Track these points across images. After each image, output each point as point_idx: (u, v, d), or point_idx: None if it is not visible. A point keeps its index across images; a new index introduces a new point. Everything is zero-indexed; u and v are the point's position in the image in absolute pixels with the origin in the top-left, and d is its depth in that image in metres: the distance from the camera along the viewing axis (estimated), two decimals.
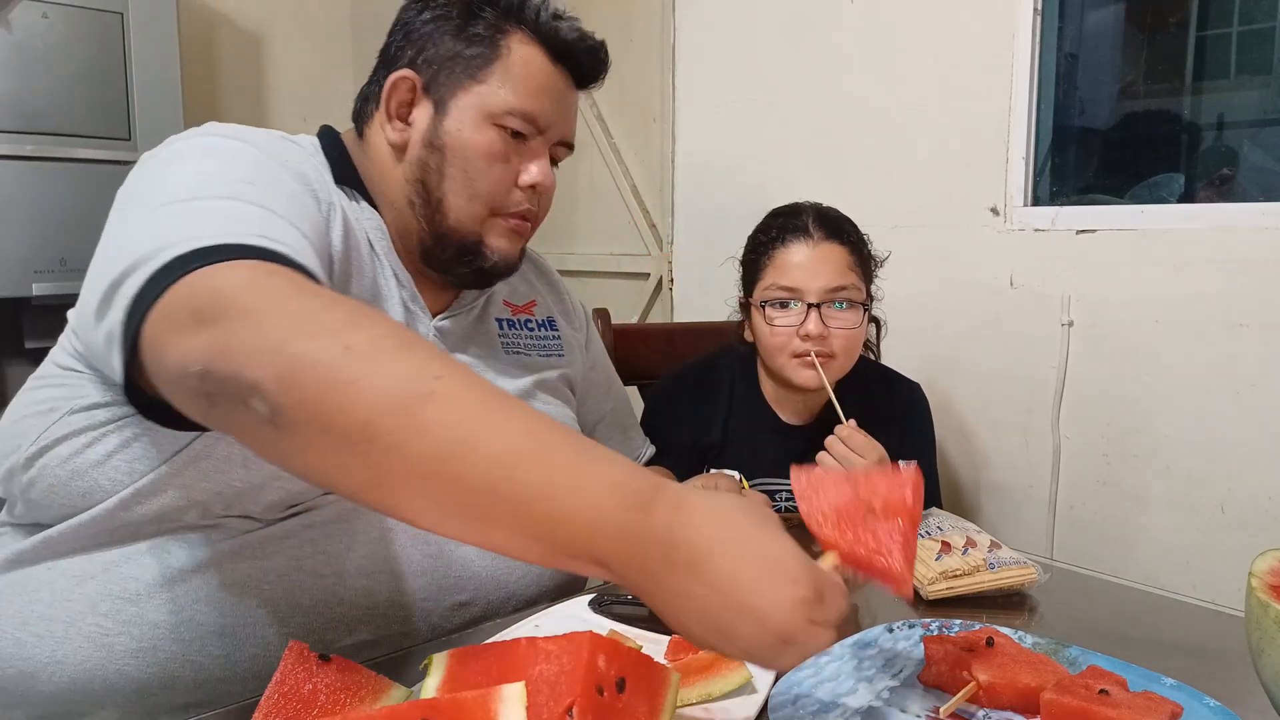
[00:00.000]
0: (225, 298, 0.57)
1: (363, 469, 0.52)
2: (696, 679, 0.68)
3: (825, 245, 1.23)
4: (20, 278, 1.87)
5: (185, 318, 0.57)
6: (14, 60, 1.85)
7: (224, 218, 0.64)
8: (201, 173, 0.71)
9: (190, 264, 0.59)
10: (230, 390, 0.53)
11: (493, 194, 0.89)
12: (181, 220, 0.64)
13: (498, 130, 0.88)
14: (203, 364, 0.54)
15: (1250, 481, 1.30)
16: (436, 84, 0.89)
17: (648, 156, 2.27)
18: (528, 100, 0.88)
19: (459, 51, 0.88)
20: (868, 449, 1.14)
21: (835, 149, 1.81)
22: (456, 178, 0.88)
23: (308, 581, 0.80)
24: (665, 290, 2.22)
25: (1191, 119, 1.57)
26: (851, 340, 1.24)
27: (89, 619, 0.75)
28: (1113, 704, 0.62)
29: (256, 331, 0.54)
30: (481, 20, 0.89)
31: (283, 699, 0.59)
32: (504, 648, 0.60)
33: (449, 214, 0.89)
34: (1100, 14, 1.65)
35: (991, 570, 0.91)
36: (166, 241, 0.61)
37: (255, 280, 0.59)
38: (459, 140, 0.88)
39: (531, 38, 0.90)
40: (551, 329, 1.08)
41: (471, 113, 0.88)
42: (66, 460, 0.74)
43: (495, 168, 0.89)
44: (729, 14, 2.00)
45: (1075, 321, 1.47)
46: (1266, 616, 0.62)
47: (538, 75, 0.89)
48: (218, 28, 2.57)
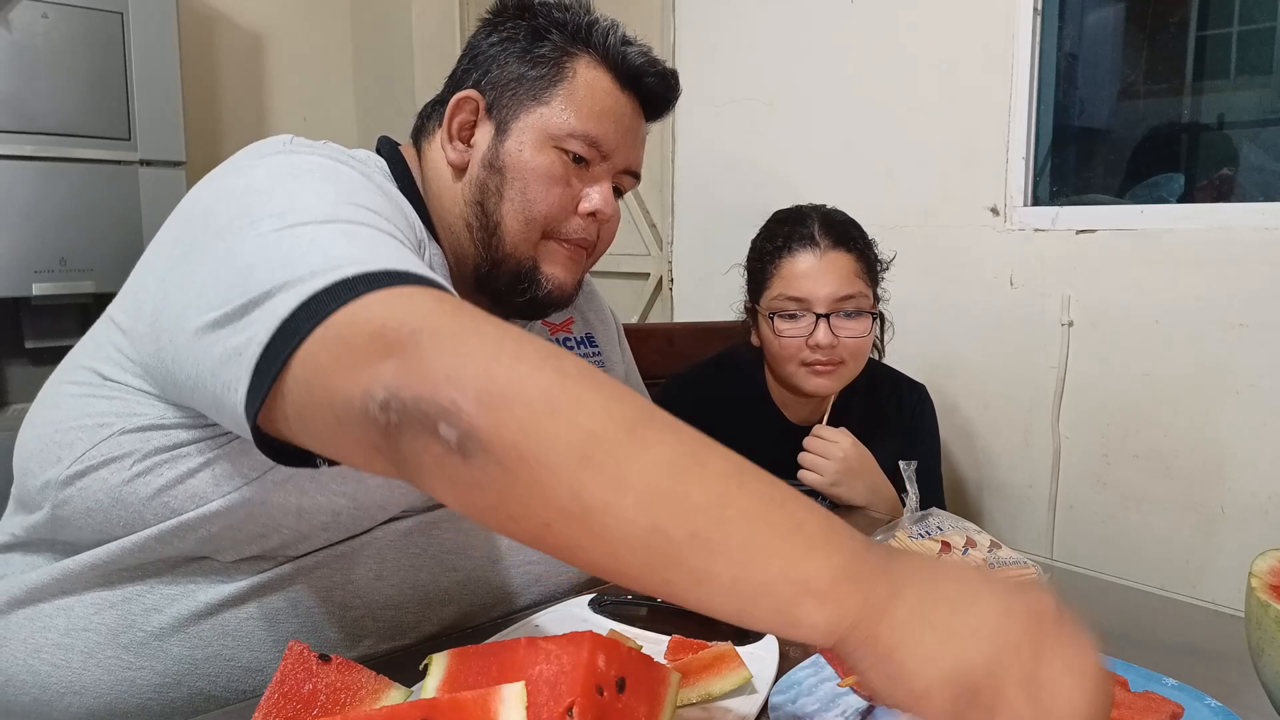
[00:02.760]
0: (414, 321, 0.52)
1: (563, 499, 0.47)
2: (696, 679, 0.68)
3: (832, 254, 1.23)
4: (20, 278, 1.86)
5: (365, 344, 0.52)
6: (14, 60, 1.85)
7: (373, 245, 0.60)
8: (313, 191, 0.65)
9: (358, 289, 0.54)
10: (416, 418, 0.49)
11: (550, 217, 0.87)
12: (329, 242, 0.59)
13: (558, 153, 0.86)
14: (389, 390, 0.50)
15: (1250, 481, 1.30)
16: (500, 105, 0.87)
17: (648, 156, 2.26)
18: (591, 123, 0.86)
19: (523, 73, 0.87)
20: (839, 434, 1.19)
21: (835, 149, 1.81)
22: (515, 199, 0.86)
23: (336, 613, 0.78)
24: (665, 290, 2.22)
25: (1191, 119, 1.57)
26: (860, 347, 1.25)
27: (109, 651, 0.72)
28: (1113, 704, 0.62)
29: (456, 353, 0.50)
30: (548, 42, 0.87)
31: (283, 699, 0.59)
32: (504, 648, 0.60)
33: (505, 237, 0.86)
34: (1100, 14, 1.65)
35: (992, 570, 0.91)
36: (321, 263, 0.56)
37: (444, 306, 0.54)
38: (518, 161, 0.85)
39: (599, 62, 0.88)
40: (591, 345, 1.06)
41: (532, 134, 0.86)
42: (113, 487, 0.71)
43: (554, 191, 0.86)
44: (729, 14, 2.00)
45: (1075, 321, 1.47)
46: (1266, 616, 0.62)
47: (603, 99, 0.88)
48: (218, 28, 2.57)
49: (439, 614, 0.83)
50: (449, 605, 0.84)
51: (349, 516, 0.77)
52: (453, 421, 0.48)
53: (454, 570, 0.84)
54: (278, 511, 0.73)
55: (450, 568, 0.84)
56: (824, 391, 1.26)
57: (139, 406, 0.71)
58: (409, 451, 0.50)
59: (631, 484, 0.47)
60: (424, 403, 0.49)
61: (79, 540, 0.75)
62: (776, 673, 0.72)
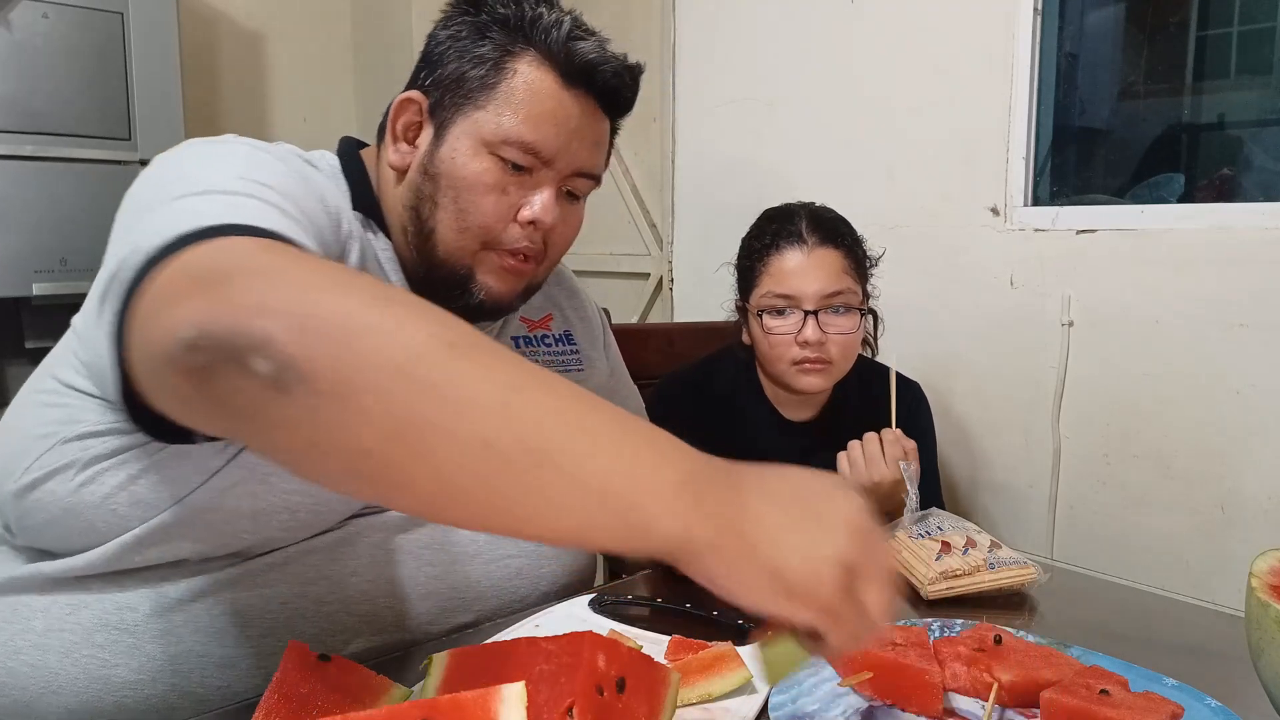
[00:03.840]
0: (229, 262, 0.51)
1: (387, 419, 0.45)
2: (696, 679, 0.68)
3: (820, 250, 1.23)
4: (20, 278, 1.86)
5: (182, 287, 0.51)
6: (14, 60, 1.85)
7: (234, 207, 0.60)
8: (217, 170, 0.66)
9: (191, 241, 0.54)
10: (228, 352, 0.46)
11: (486, 227, 0.83)
12: (190, 209, 0.59)
13: (494, 159, 0.82)
14: (197, 326, 0.48)
15: (1250, 481, 1.30)
16: (440, 107, 0.83)
17: (648, 156, 2.26)
18: (528, 129, 0.81)
19: (465, 73, 0.82)
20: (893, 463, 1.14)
21: (835, 149, 1.81)
22: (448, 208, 0.82)
23: (310, 609, 0.78)
24: (665, 290, 2.22)
25: (1191, 119, 1.57)
26: (849, 344, 1.24)
27: (85, 649, 0.73)
28: (1113, 704, 0.62)
29: (267, 286, 0.48)
30: (489, 40, 0.82)
31: (283, 699, 0.59)
32: (504, 648, 0.60)
33: (439, 245, 0.83)
34: (1100, 14, 1.65)
35: (992, 570, 0.91)
36: (166, 229, 0.56)
37: (264, 247, 0.54)
38: (452, 168, 0.82)
39: (542, 60, 0.82)
40: (569, 343, 1.04)
41: (467, 140, 0.82)
42: (61, 498, 0.71)
43: (488, 199, 0.82)
44: (729, 14, 2.00)
45: (1075, 321, 1.47)
46: (1266, 616, 0.62)
47: (544, 101, 0.82)
48: (218, 28, 2.57)
49: (416, 609, 0.82)
50: (427, 600, 0.83)
51: (309, 513, 0.77)
52: (267, 353, 0.45)
53: (430, 565, 0.84)
54: (232, 516, 0.73)
55: (426, 562, 0.83)
56: (814, 389, 1.26)
57: (82, 413, 0.71)
58: (222, 392, 0.48)
59: (457, 398, 0.45)
60: (234, 335, 0.46)
61: (49, 549, 0.75)
62: None
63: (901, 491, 1.12)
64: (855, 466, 1.17)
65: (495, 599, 0.88)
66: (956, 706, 0.68)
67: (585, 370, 1.05)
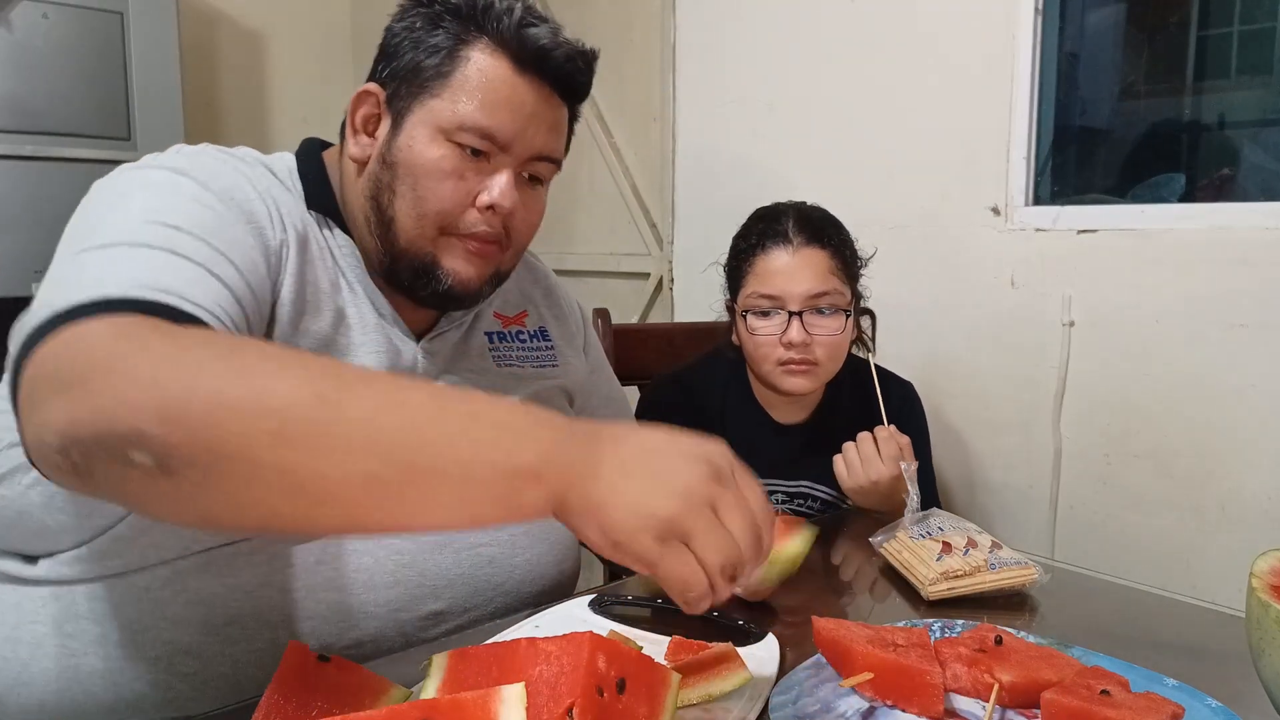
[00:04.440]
0: (87, 355, 0.55)
1: (276, 481, 0.51)
2: (697, 679, 0.68)
3: (806, 251, 1.22)
4: (20, 278, 1.87)
5: (46, 385, 0.55)
6: (14, 60, 1.85)
7: (123, 266, 0.64)
8: (126, 213, 0.70)
9: (63, 321, 0.58)
10: (104, 451, 0.50)
11: (444, 213, 0.84)
12: (82, 270, 0.64)
13: (451, 146, 0.83)
14: (61, 434, 0.52)
15: (1250, 481, 1.30)
16: (397, 98, 0.85)
17: (648, 156, 2.26)
18: (484, 115, 0.82)
19: (420, 63, 0.84)
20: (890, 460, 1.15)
21: (835, 149, 1.81)
22: (406, 195, 0.83)
23: (276, 597, 0.78)
24: (665, 290, 2.22)
25: (1192, 119, 1.57)
26: (835, 346, 1.24)
27: (54, 640, 0.73)
28: (1113, 704, 0.62)
29: (124, 380, 0.52)
30: (442, 30, 0.84)
31: (282, 699, 0.59)
32: (504, 648, 0.60)
33: (400, 234, 0.84)
34: (1101, 14, 1.64)
35: (993, 570, 0.91)
36: (55, 298, 0.60)
37: (122, 332, 0.57)
38: (409, 156, 0.83)
39: (495, 47, 0.83)
40: (544, 339, 1.05)
41: (423, 128, 0.83)
42: (12, 500, 0.72)
43: (446, 185, 0.83)
44: (729, 14, 2.00)
45: (1076, 321, 1.47)
46: (1267, 617, 0.62)
47: (499, 88, 0.83)
48: (218, 28, 2.57)
49: (384, 596, 0.83)
50: (394, 588, 0.83)
51: None
52: (144, 446, 0.49)
53: (398, 554, 0.84)
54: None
55: (395, 550, 0.84)
56: (800, 391, 1.25)
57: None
58: (109, 482, 0.53)
59: (336, 445, 0.51)
60: (103, 436, 0.50)
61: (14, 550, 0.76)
62: (777, 674, 0.72)
63: (902, 491, 1.11)
64: (852, 468, 1.17)
65: (466, 586, 0.88)
66: (957, 707, 0.68)
67: (559, 367, 1.05)
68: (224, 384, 0.52)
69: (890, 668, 0.67)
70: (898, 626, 0.76)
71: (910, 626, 0.76)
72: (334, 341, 0.84)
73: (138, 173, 0.76)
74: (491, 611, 0.90)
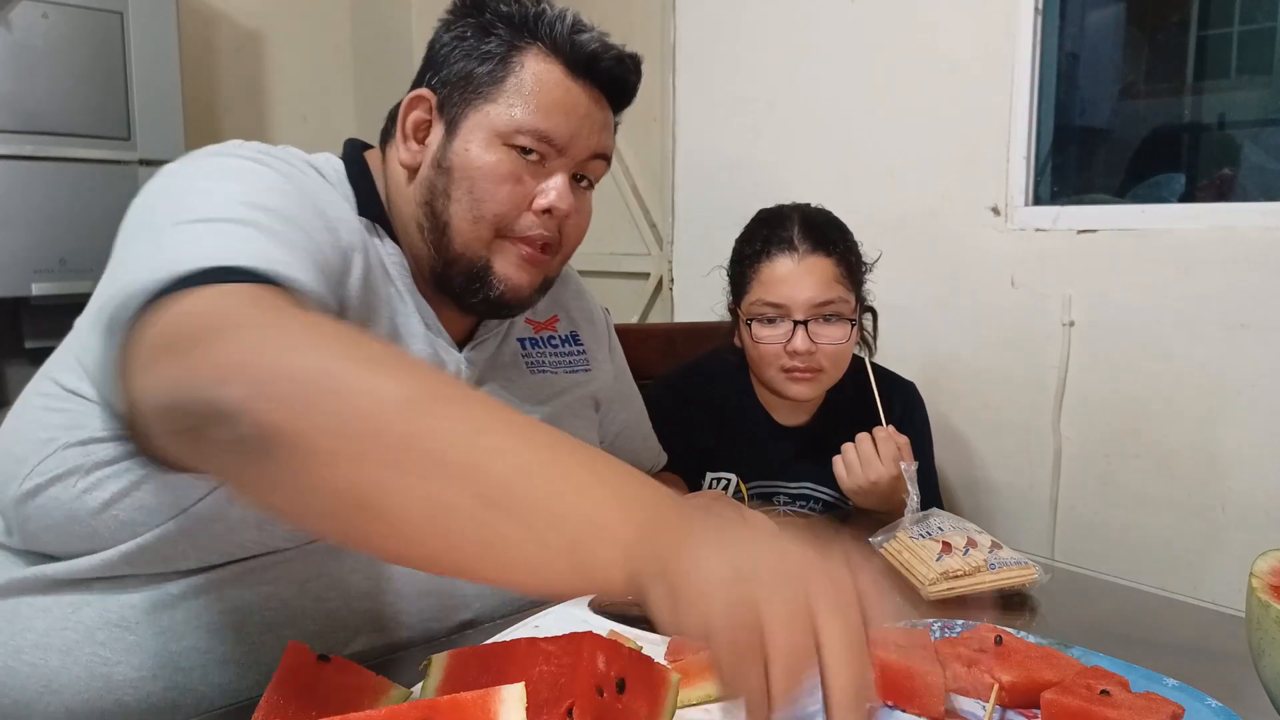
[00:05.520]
0: (200, 322, 0.54)
1: (358, 482, 0.47)
2: (697, 680, 0.68)
3: (811, 259, 1.21)
4: (20, 278, 1.86)
5: (158, 349, 0.54)
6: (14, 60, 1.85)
7: (228, 239, 0.62)
8: (217, 192, 0.68)
9: (177, 289, 0.56)
10: (208, 419, 0.49)
11: (501, 215, 0.84)
12: (186, 242, 0.62)
13: (508, 150, 0.84)
14: (167, 394, 0.51)
15: (1250, 481, 1.30)
16: (450, 104, 0.85)
17: (648, 156, 2.26)
18: (540, 118, 0.83)
19: (472, 70, 0.85)
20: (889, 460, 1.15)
21: (835, 149, 1.81)
22: (462, 200, 0.84)
23: (311, 606, 0.78)
24: (665, 290, 2.22)
25: (1192, 119, 1.57)
26: (839, 354, 1.24)
27: (86, 648, 0.73)
28: (1113, 704, 0.62)
29: (229, 349, 0.51)
30: (494, 37, 0.85)
31: (283, 699, 0.59)
32: (504, 648, 0.60)
33: (455, 238, 0.85)
34: (1101, 13, 1.64)
35: (992, 570, 0.91)
36: (163, 265, 0.58)
37: (236, 301, 0.56)
38: (465, 160, 0.84)
39: (548, 53, 0.85)
40: (576, 343, 1.05)
41: (480, 132, 0.84)
42: (64, 503, 0.71)
43: (504, 189, 0.84)
44: (729, 14, 2.00)
45: (1076, 321, 1.47)
46: (1267, 617, 0.62)
47: (553, 91, 0.84)
48: (218, 28, 2.57)
49: (416, 605, 0.83)
50: (427, 597, 0.83)
51: None
52: (243, 419, 0.48)
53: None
54: (238, 526, 0.73)
55: None
56: (803, 397, 1.26)
57: (84, 419, 0.71)
58: (218, 455, 0.51)
59: (425, 459, 0.47)
60: (207, 405, 0.49)
61: (49, 552, 0.75)
62: None
63: (902, 491, 1.11)
64: (851, 469, 1.17)
65: (496, 596, 0.88)
66: (957, 707, 0.68)
67: (592, 370, 1.05)
68: (336, 371, 0.49)
69: (890, 668, 0.67)
70: (899, 627, 0.76)
71: (910, 627, 0.76)
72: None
73: (214, 159, 0.74)
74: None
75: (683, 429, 1.31)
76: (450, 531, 0.47)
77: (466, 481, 0.47)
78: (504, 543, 0.47)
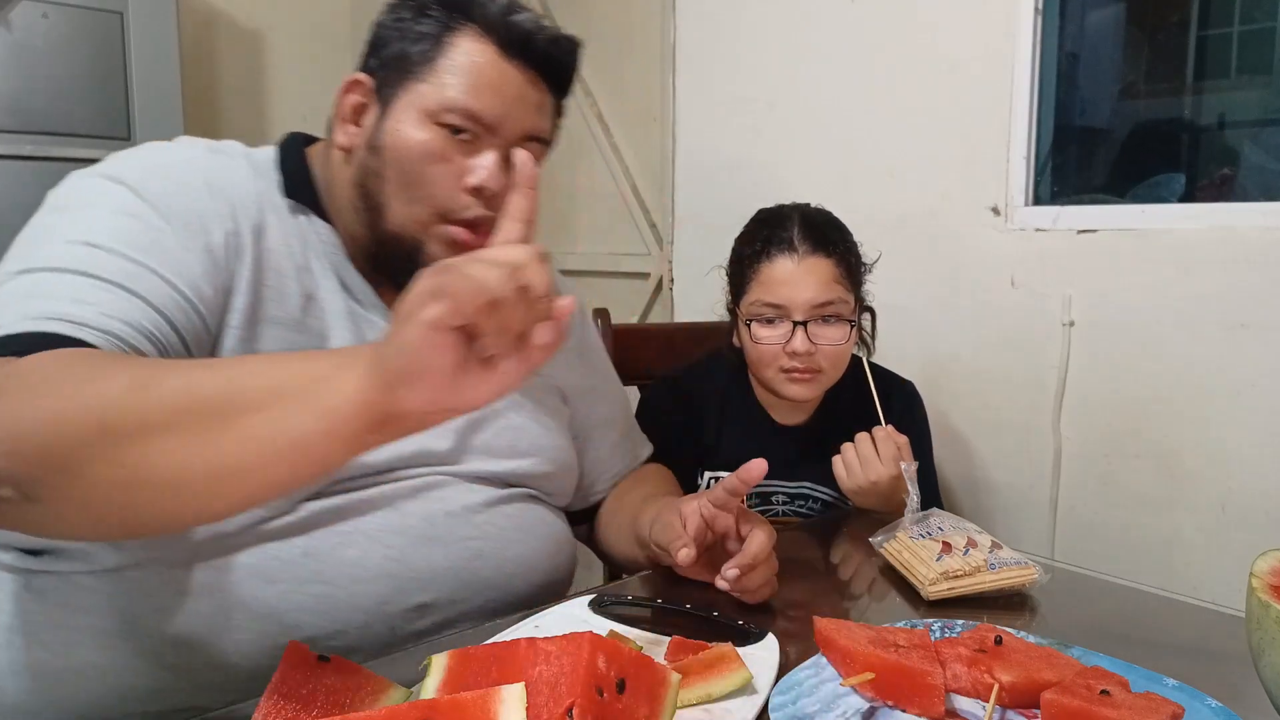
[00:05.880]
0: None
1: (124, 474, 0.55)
2: (697, 680, 0.68)
3: (811, 259, 1.21)
4: None
5: None
6: (14, 60, 1.85)
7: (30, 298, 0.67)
8: (56, 234, 0.74)
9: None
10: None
11: (434, 196, 0.85)
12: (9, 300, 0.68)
13: (438, 129, 0.84)
14: None
15: (1250, 481, 1.30)
16: (386, 85, 0.87)
17: (648, 156, 2.26)
18: (470, 97, 0.84)
19: (406, 51, 0.86)
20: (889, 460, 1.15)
21: (835, 149, 1.81)
22: (394, 180, 0.85)
23: (264, 589, 0.78)
24: (665, 290, 2.22)
25: (1192, 119, 1.57)
26: (838, 354, 1.24)
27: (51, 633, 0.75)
28: (1113, 704, 0.62)
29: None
30: (429, 18, 0.86)
31: (282, 699, 0.59)
32: (504, 648, 0.60)
33: (389, 219, 0.86)
34: (1101, 13, 1.64)
35: (992, 571, 0.91)
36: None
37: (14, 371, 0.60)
38: (396, 139, 0.85)
39: (481, 33, 0.85)
40: None
41: (411, 111, 0.85)
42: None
43: (434, 168, 0.84)
44: (729, 14, 2.00)
45: (1076, 321, 1.47)
46: (1267, 617, 0.62)
47: (485, 71, 0.85)
48: (218, 28, 2.57)
49: (371, 589, 0.83)
50: (380, 581, 0.83)
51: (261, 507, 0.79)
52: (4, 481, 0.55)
53: (386, 547, 0.84)
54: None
55: (384, 544, 0.84)
56: (801, 398, 1.26)
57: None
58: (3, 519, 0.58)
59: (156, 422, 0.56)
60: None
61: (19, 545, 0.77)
62: (777, 674, 0.72)
63: (902, 491, 1.11)
64: (851, 469, 1.17)
65: (454, 580, 0.88)
66: (958, 707, 0.68)
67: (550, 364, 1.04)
68: (57, 402, 0.56)
69: (890, 668, 0.67)
70: (899, 627, 0.76)
71: (912, 627, 0.76)
72: (304, 324, 0.85)
73: (78, 183, 0.79)
74: (481, 605, 0.90)
75: (681, 428, 1.31)
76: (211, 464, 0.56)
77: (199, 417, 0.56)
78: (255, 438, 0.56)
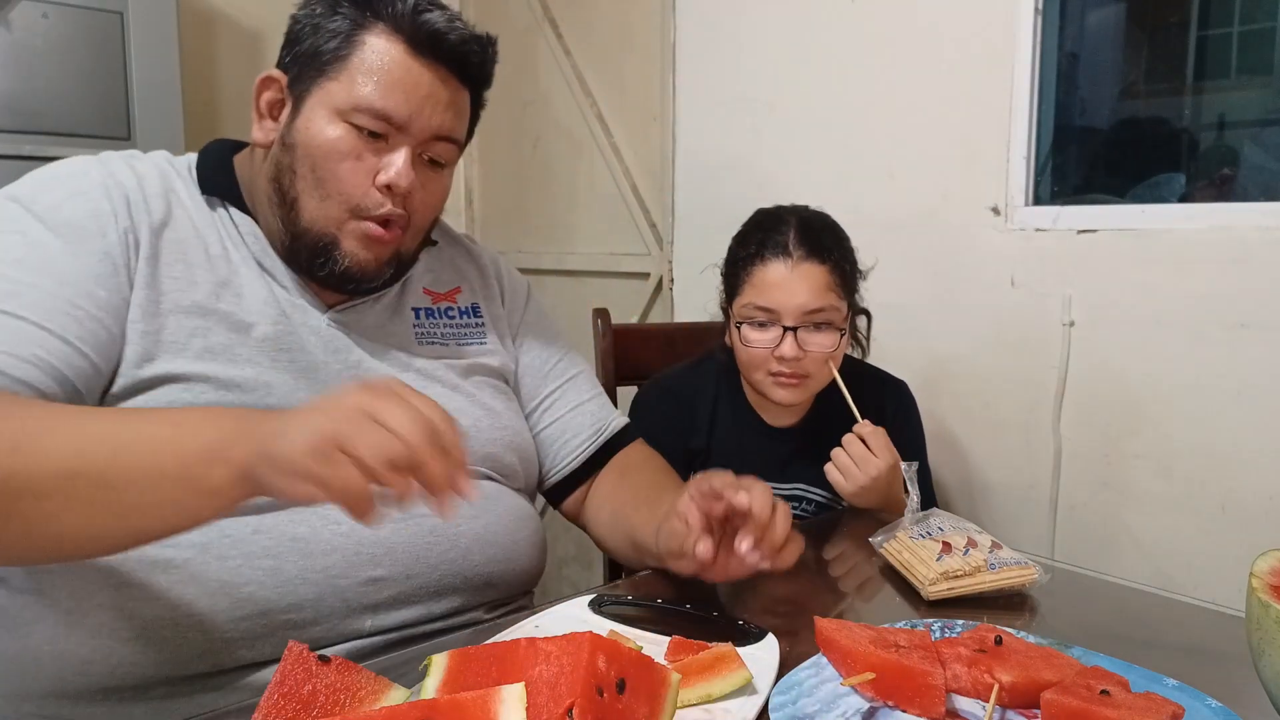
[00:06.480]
0: None
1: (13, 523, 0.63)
2: (697, 680, 0.68)
3: (804, 265, 1.21)
4: None
5: None
6: (14, 60, 1.85)
7: None
8: None
9: None
10: None
11: (346, 194, 0.87)
12: None
13: (348, 127, 0.86)
14: None
15: (1250, 481, 1.30)
16: (299, 82, 0.88)
17: (648, 156, 2.26)
18: (378, 96, 0.85)
19: (318, 48, 0.87)
20: (883, 450, 1.15)
21: (835, 149, 1.81)
22: (306, 177, 0.87)
23: (215, 564, 0.80)
24: (665, 290, 2.22)
25: (1192, 119, 1.57)
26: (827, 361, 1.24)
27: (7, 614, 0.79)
28: (1113, 704, 0.62)
29: None
30: (340, 15, 0.87)
31: (282, 700, 0.59)
32: (504, 648, 0.61)
33: (302, 214, 0.88)
34: (1101, 13, 1.64)
35: (993, 571, 0.91)
36: None
37: None
38: (307, 137, 0.86)
39: (391, 32, 0.87)
40: (475, 315, 1.06)
41: (322, 109, 0.86)
42: None
43: (344, 165, 0.86)
44: (729, 14, 2.00)
45: (1076, 321, 1.47)
46: (1267, 617, 0.62)
47: (393, 70, 0.86)
48: (218, 28, 2.57)
49: (320, 563, 0.84)
50: (330, 555, 0.84)
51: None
52: None
53: (335, 523, 0.85)
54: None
55: (331, 520, 0.85)
56: (789, 402, 1.26)
57: None
58: None
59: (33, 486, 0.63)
60: None
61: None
62: (777, 674, 0.72)
63: (901, 490, 1.12)
64: (848, 472, 1.17)
65: (407, 554, 0.88)
66: (958, 707, 0.68)
67: (488, 344, 1.06)
68: None
69: (891, 668, 0.67)
70: (900, 627, 0.76)
71: (912, 628, 0.76)
72: (215, 311, 0.86)
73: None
74: (438, 579, 0.90)
75: (673, 430, 1.31)
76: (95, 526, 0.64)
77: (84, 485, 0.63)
78: (137, 508, 0.64)
